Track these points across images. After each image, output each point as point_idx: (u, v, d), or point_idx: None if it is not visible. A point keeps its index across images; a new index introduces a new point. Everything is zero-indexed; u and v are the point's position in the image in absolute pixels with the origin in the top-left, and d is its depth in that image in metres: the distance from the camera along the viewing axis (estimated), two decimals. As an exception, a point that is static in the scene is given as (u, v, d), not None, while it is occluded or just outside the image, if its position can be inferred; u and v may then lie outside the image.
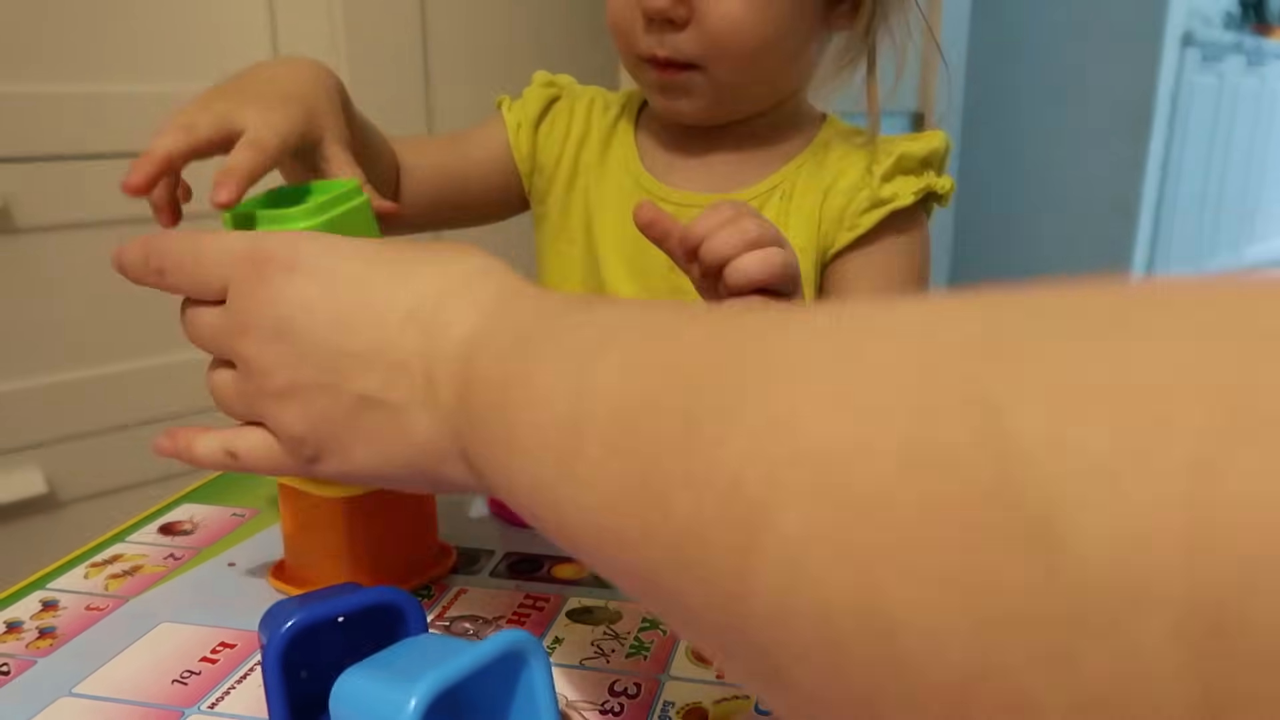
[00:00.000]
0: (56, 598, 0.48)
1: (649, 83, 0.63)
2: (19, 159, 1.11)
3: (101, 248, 1.27)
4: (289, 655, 0.35)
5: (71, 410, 1.19)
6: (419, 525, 0.49)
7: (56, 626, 0.46)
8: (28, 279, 1.14)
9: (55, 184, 1.13)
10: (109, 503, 1.23)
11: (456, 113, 1.45)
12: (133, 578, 0.50)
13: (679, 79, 0.61)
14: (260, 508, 0.59)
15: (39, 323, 1.16)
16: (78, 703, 0.40)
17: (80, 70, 1.14)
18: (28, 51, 1.11)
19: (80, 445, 1.21)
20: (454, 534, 0.54)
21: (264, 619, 0.37)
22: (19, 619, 0.46)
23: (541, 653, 0.34)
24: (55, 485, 1.19)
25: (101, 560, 0.52)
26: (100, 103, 1.15)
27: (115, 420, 1.23)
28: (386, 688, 0.32)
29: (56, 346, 1.18)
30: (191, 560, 0.52)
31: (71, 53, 1.13)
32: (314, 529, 0.47)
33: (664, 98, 0.63)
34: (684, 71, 0.60)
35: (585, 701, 0.39)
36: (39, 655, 0.43)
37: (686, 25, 0.58)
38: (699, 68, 0.60)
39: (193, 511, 0.59)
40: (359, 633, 0.37)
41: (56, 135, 1.13)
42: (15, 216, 1.11)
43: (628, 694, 0.39)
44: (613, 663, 0.42)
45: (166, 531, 0.56)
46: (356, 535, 0.46)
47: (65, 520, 1.21)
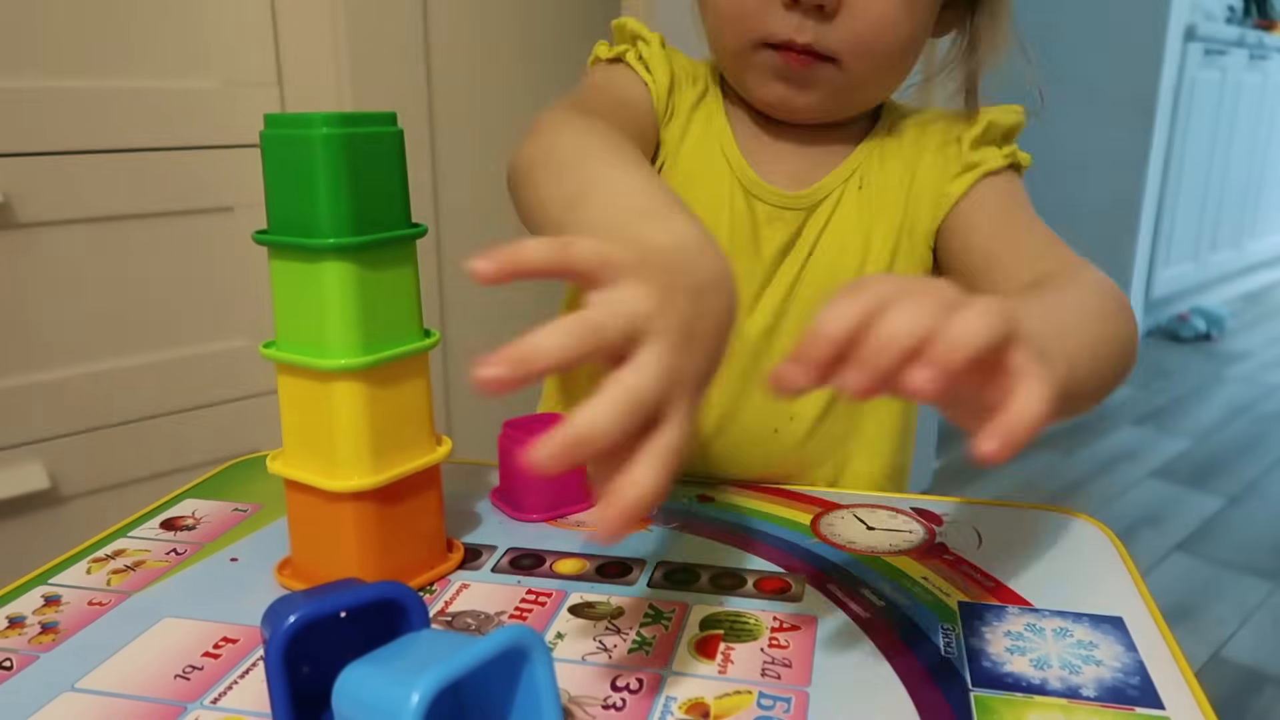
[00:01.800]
0: (59, 593, 0.49)
1: (769, 67, 0.59)
2: (20, 154, 1.11)
3: (102, 243, 1.28)
4: (291, 650, 0.35)
5: (73, 405, 1.19)
6: (427, 520, 0.49)
7: (59, 621, 0.46)
8: (29, 274, 1.14)
9: (56, 179, 1.13)
10: (111, 498, 1.23)
11: (458, 110, 1.44)
12: (135, 573, 0.51)
13: (811, 69, 0.58)
14: (263, 503, 0.59)
15: (40, 318, 1.16)
16: (80, 698, 0.40)
17: (81, 66, 1.14)
18: (28, 47, 1.11)
19: (82, 440, 1.21)
20: (456, 529, 0.54)
21: (266, 614, 0.37)
22: (21, 614, 0.46)
23: (543, 648, 0.34)
24: (57, 480, 1.19)
25: (104, 555, 0.53)
26: (101, 98, 1.15)
27: (117, 415, 1.23)
28: (389, 684, 0.32)
29: (58, 341, 1.18)
30: (194, 555, 0.52)
31: (72, 48, 1.13)
32: (321, 524, 0.47)
33: (786, 86, 0.59)
34: (820, 63, 0.57)
35: (587, 697, 0.39)
36: (41, 650, 0.43)
37: (835, 15, 0.56)
38: (835, 61, 0.57)
39: (195, 507, 0.59)
40: (361, 628, 0.37)
41: (57, 131, 1.13)
42: (16, 212, 1.11)
43: (630, 689, 0.40)
44: (615, 658, 0.42)
45: (169, 526, 0.56)
46: (365, 531, 0.46)
47: (67, 515, 1.21)
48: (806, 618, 0.45)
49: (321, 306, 0.44)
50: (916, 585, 0.48)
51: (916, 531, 0.54)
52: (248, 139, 1.25)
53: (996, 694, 0.39)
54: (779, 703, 0.39)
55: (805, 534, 0.54)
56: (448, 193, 1.46)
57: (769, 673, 0.41)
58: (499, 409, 0.62)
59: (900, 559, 0.51)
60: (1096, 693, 0.39)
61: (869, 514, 0.57)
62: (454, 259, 1.48)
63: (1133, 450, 2.36)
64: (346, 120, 0.42)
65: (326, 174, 0.42)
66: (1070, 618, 0.45)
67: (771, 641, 0.43)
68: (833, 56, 0.57)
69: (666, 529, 0.54)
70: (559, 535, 0.54)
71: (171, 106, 1.20)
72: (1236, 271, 3.81)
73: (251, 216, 1.27)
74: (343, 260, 0.43)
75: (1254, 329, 3.50)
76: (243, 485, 0.62)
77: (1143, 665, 0.41)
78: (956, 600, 0.46)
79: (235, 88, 1.25)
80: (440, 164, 1.44)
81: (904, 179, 0.63)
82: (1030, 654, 0.42)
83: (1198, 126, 3.16)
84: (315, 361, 0.44)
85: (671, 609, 0.46)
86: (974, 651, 0.42)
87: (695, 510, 0.57)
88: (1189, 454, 2.34)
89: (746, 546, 0.52)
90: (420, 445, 0.48)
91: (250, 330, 1.31)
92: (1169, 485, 2.16)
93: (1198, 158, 3.24)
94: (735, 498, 0.59)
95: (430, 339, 0.48)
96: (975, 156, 0.62)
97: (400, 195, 0.46)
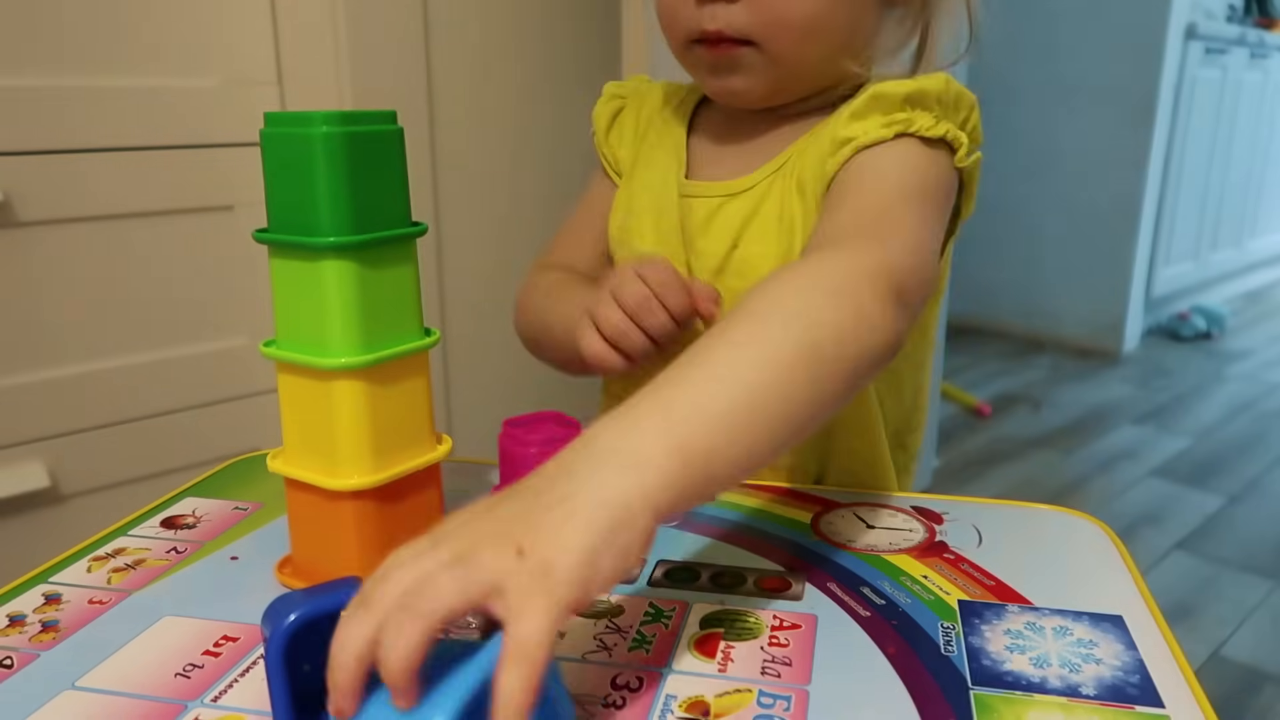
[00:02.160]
0: (59, 591, 0.49)
1: (699, 63, 0.61)
2: (20, 153, 1.11)
3: (103, 241, 1.28)
4: (291, 648, 0.35)
5: (74, 404, 1.19)
6: (427, 519, 0.49)
7: (59, 620, 0.46)
8: (29, 273, 1.14)
9: (56, 178, 1.13)
10: (112, 496, 1.23)
11: (458, 107, 1.44)
12: (135, 571, 0.51)
13: (730, 55, 0.59)
14: (263, 501, 0.59)
15: (41, 317, 1.16)
16: (80, 696, 0.40)
17: (82, 64, 1.14)
18: (29, 45, 1.11)
19: (83, 439, 1.21)
20: (456, 528, 0.54)
21: (266, 612, 0.37)
22: (22, 612, 0.46)
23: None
24: (58, 479, 1.19)
25: (104, 554, 0.53)
26: (102, 97, 1.15)
27: (118, 414, 1.23)
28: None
29: (59, 340, 1.18)
30: (194, 554, 0.53)
31: (73, 47, 1.13)
32: (321, 522, 0.47)
33: (715, 78, 0.61)
34: (737, 47, 0.58)
35: (588, 695, 0.39)
36: (42, 649, 0.43)
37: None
38: (752, 43, 0.58)
39: (195, 505, 0.59)
40: None
41: (58, 129, 1.13)
42: (16, 210, 1.11)
43: (630, 688, 0.40)
44: (615, 656, 0.42)
45: (169, 525, 0.56)
46: (365, 529, 0.46)
47: (68, 514, 1.21)
48: (807, 616, 0.45)
49: (322, 305, 0.44)
50: (917, 584, 0.48)
51: (917, 530, 0.54)
52: (248, 137, 1.25)
53: (996, 692, 0.39)
54: (779, 701, 0.39)
55: (805, 532, 0.54)
56: (448, 191, 1.46)
57: (769, 671, 0.41)
58: (499, 408, 0.62)
59: (900, 557, 0.51)
60: (1096, 691, 0.39)
61: (869, 513, 0.57)
62: (454, 257, 1.48)
63: (1133, 449, 2.36)
64: (347, 119, 0.42)
65: (327, 172, 0.42)
66: (1070, 616, 0.45)
67: (771, 640, 0.43)
68: (747, 39, 0.58)
69: (667, 527, 0.54)
70: (559, 534, 0.54)
71: (172, 105, 1.21)
72: (1237, 270, 3.81)
73: (252, 215, 1.27)
74: (343, 259, 0.43)
75: (1254, 328, 3.50)
76: (243, 484, 0.62)
77: (1142, 664, 0.41)
78: (956, 599, 0.46)
79: (235, 86, 1.25)
80: (440, 162, 1.44)
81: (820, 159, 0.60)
82: (1030, 652, 0.42)
83: (1198, 125, 3.16)
84: (316, 360, 0.44)
85: (672, 607, 0.46)
86: (974, 650, 0.42)
87: (696, 509, 0.57)
88: (1189, 453, 2.34)
89: (747, 545, 0.52)
90: (420, 444, 0.48)
91: (250, 329, 1.31)
92: (1169, 484, 2.16)
93: (1198, 156, 3.24)
94: (735, 496, 0.59)
95: (430, 338, 0.48)
96: (849, 130, 0.57)
97: (400, 194, 0.46)
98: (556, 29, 1.55)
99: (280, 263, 0.45)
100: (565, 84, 1.56)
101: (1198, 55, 3.03)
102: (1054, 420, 2.54)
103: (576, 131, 0.97)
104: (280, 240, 0.44)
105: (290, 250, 0.44)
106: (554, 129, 1.56)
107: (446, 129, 1.44)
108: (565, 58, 1.56)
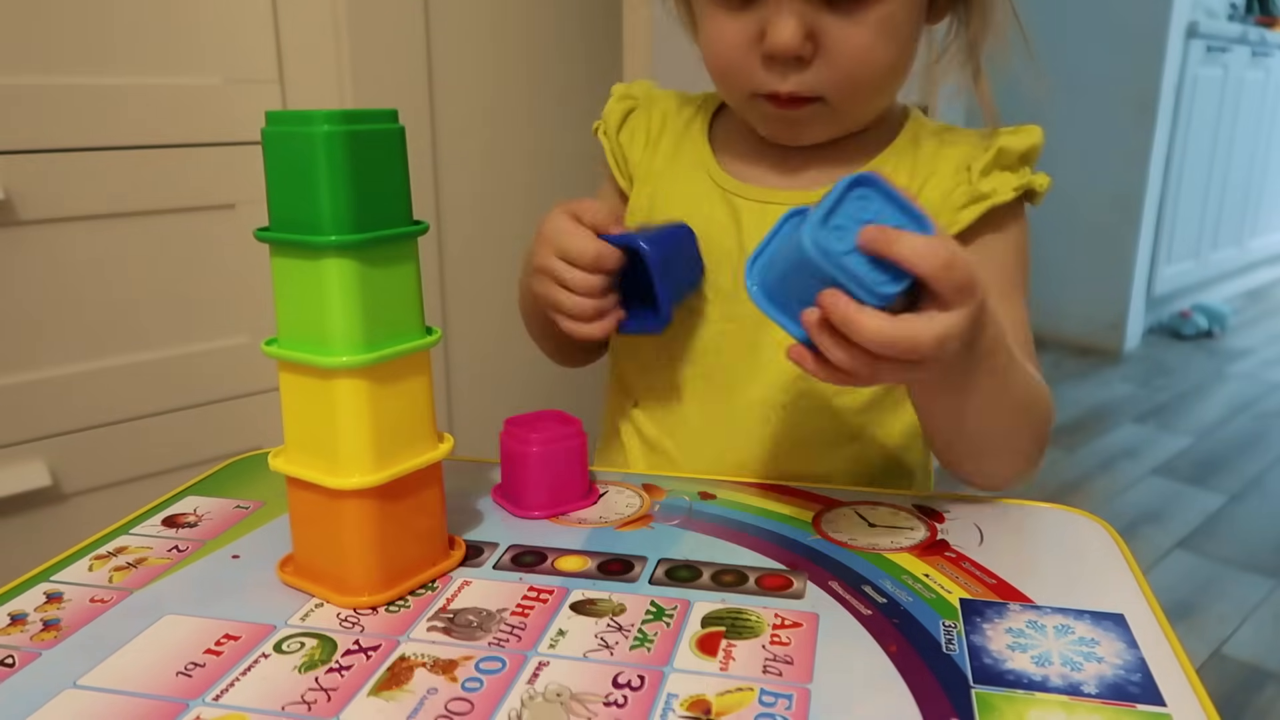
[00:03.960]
0: (61, 590, 0.49)
1: (766, 116, 0.62)
2: (20, 151, 1.11)
3: (104, 240, 1.28)
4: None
5: (75, 403, 1.19)
6: (428, 518, 0.49)
7: (61, 619, 0.46)
8: (30, 271, 1.14)
9: (57, 177, 1.13)
10: (113, 495, 1.23)
11: (459, 106, 1.44)
12: (137, 570, 0.51)
13: (802, 113, 0.60)
14: (264, 500, 0.59)
15: (41, 315, 1.16)
16: (82, 695, 0.40)
17: (82, 63, 1.14)
18: (29, 44, 1.11)
19: (84, 438, 1.21)
20: (458, 526, 0.54)
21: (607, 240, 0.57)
22: (23, 611, 0.47)
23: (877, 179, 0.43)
24: (59, 477, 1.19)
25: (106, 552, 0.53)
26: (102, 95, 1.15)
27: (119, 413, 1.23)
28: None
29: (60, 339, 1.18)
30: (196, 552, 0.53)
31: (73, 45, 1.13)
32: (323, 521, 0.47)
33: (786, 130, 0.62)
34: (808, 104, 0.59)
35: (589, 694, 0.39)
36: (43, 647, 0.43)
37: (813, 61, 0.57)
38: (822, 99, 0.59)
39: (197, 504, 0.59)
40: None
41: (58, 128, 1.13)
42: (17, 209, 1.11)
43: (631, 686, 0.40)
44: (616, 655, 0.42)
45: (171, 524, 0.56)
46: (366, 528, 0.46)
47: (69, 512, 1.21)
48: (808, 615, 0.45)
49: (323, 304, 0.44)
50: (918, 582, 0.48)
51: (918, 528, 0.54)
52: (249, 136, 1.25)
53: (998, 691, 0.39)
54: (780, 700, 0.39)
55: (807, 531, 0.54)
56: (449, 190, 1.46)
57: (770, 670, 0.41)
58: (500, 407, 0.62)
59: (902, 556, 0.51)
60: (1098, 689, 0.39)
61: (871, 511, 0.57)
62: (455, 256, 1.48)
63: (1134, 447, 2.36)
64: (348, 117, 0.42)
65: (328, 171, 0.42)
66: (1072, 615, 0.45)
67: (773, 638, 0.43)
68: (819, 97, 0.59)
69: (668, 526, 0.54)
70: (561, 532, 0.54)
71: (173, 103, 1.20)
72: (1238, 268, 3.81)
73: (253, 213, 1.27)
74: (344, 257, 0.43)
75: (1255, 326, 3.49)
76: (244, 482, 0.62)
77: (1144, 662, 0.41)
78: (958, 597, 0.46)
79: (236, 85, 1.25)
80: (441, 161, 1.44)
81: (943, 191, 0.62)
82: (1032, 651, 0.42)
83: (1199, 124, 3.15)
84: (317, 359, 0.44)
85: (673, 606, 0.46)
86: (975, 648, 0.42)
87: (697, 507, 0.57)
88: (1190, 451, 2.34)
89: (748, 543, 0.52)
90: (422, 442, 0.48)
91: (252, 327, 1.31)
92: (1170, 482, 2.16)
93: (1199, 155, 3.23)
94: (737, 495, 0.59)
95: (432, 336, 0.48)
96: (986, 186, 0.61)
97: (402, 192, 0.46)
98: (558, 27, 1.55)
99: (282, 261, 0.45)
100: (567, 82, 1.56)
101: (1199, 54, 3.03)
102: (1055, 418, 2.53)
103: (578, 130, 0.96)
104: (282, 239, 0.44)
105: (292, 249, 0.44)
106: (555, 128, 1.56)
107: (448, 128, 1.44)
108: (567, 56, 1.56)
